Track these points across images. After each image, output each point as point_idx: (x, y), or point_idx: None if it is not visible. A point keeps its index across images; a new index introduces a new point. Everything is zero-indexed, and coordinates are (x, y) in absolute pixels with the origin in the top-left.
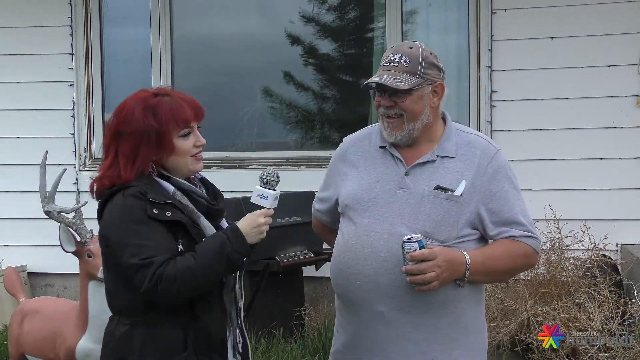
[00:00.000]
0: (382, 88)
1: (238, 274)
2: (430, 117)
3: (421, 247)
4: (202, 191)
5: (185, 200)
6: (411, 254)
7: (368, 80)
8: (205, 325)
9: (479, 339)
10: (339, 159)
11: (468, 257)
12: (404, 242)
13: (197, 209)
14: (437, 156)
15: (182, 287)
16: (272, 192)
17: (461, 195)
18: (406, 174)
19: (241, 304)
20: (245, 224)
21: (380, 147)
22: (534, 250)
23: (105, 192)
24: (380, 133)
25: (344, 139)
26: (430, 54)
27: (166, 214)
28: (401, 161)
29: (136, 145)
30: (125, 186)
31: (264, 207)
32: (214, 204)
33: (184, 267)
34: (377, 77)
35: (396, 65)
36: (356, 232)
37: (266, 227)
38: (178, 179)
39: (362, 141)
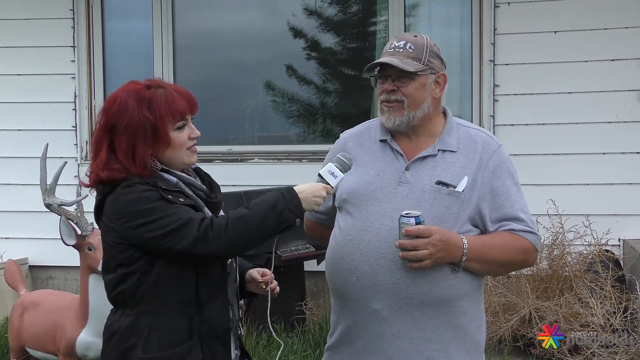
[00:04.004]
0: (385, 73)
1: (234, 264)
2: (431, 108)
3: (418, 223)
4: (198, 182)
5: (189, 192)
6: (406, 228)
7: (373, 62)
8: (211, 315)
9: (477, 338)
10: (337, 154)
11: (466, 242)
12: (402, 216)
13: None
14: (439, 150)
15: (233, 237)
16: (342, 174)
17: (463, 191)
18: (407, 169)
19: (240, 302)
20: (305, 188)
21: (381, 140)
22: (534, 246)
23: (105, 188)
24: (380, 127)
25: (341, 134)
26: (434, 45)
27: (180, 199)
28: (402, 155)
29: (132, 139)
30: (127, 179)
31: (329, 184)
32: (213, 196)
33: (237, 217)
34: (383, 59)
35: (401, 50)
36: (354, 227)
37: (322, 201)
38: (177, 172)
39: (361, 135)
